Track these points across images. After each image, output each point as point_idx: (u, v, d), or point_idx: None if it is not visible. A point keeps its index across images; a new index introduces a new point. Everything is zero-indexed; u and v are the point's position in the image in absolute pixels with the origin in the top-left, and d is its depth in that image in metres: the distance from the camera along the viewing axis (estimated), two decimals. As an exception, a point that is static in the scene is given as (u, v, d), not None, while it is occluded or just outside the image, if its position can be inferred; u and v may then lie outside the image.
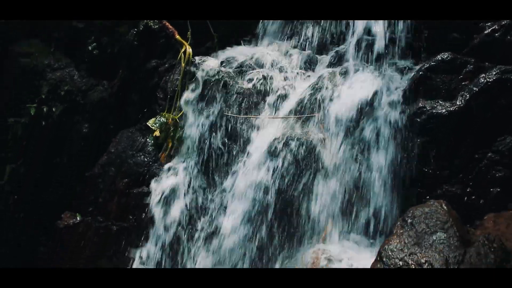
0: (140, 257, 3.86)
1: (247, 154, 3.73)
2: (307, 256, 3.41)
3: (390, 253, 2.53)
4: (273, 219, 3.60)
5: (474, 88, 3.44)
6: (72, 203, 4.07)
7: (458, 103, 3.45)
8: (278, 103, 3.89)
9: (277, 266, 3.53)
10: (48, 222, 4.07)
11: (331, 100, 3.74)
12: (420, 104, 3.54)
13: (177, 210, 3.80)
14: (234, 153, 3.81)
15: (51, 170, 4.07)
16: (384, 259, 2.51)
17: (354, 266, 3.21)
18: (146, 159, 3.98)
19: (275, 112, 3.89)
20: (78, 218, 4.01)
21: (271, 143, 3.68)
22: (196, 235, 3.74)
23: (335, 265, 3.22)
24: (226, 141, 3.85)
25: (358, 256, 3.32)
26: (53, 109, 4.06)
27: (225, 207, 3.68)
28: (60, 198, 4.08)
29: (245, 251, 3.56)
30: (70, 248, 4.01)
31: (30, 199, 4.08)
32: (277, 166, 3.62)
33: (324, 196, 3.57)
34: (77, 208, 4.03)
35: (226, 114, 3.86)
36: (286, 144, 3.66)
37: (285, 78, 4.02)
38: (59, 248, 4.03)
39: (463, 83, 3.50)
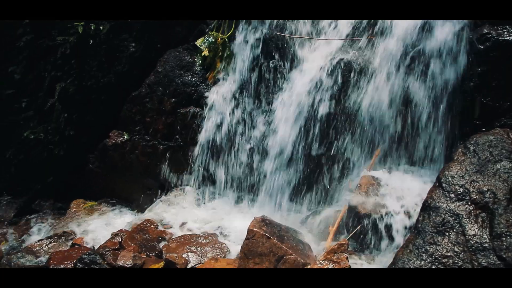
0: (187, 176, 3.94)
1: (297, 75, 3.62)
2: (355, 181, 3.38)
3: (450, 179, 2.45)
4: (320, 141, 3.55)
5: (551, 13, 3.14)
6: (119, 122, 4.10)
7: (529, 29, 3.18)
8: (331, 25, 3.71)
9: (326, 189, 3.54)
10: (96, 141, 4.14)
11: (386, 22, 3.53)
12: (485, 30, 3.29)
13: (225, 129, 3.80)
14: (284, 73, 3.71)
15: (99, 89, 4.08)
16: (444, 185, 2.43)
17: (403, 191, 3.17)
18: (194, 79, 3.93)
19: (328, 34, 3.72)
20: (125, 137, 4.06)
21: (322, 65, 3.55)
22: (243, 155, 3.76)
23: (383, 189, 3.18)
24: (277, 61, 3.74)
25: (408, 182, 3.27)
26: (101, 28, 3.99)
27: (274, 127, 3.65)
28: (108, 117, 4.12)
29: (291, 170, 3.56)
30: (117, 166, 4.10)
31: (79, 117, 4.14)
32: (328, 88, 3.52)
33: (374, 122, 3.47)
34: (125, 127, 4.08)
35: (278, 34, 3.71)
36: (338, 66, 3.52)
37: None
38: (107, 166, 4.13)
39: (537, 6, 3.20)
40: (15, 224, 4.02)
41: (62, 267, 3.22)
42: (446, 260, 2.24)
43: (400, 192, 3.22)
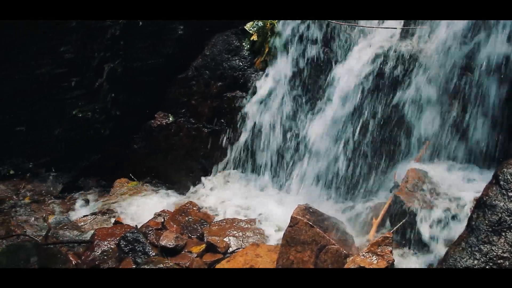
0: (231, 161, 3.94)
1: (347, 64, 3.54)
2: (401, 173, 3.30)
3: (509, 177, 2.34)
4: (365, 131, 3.48)
5: None
6: (165, 104, 4.14)
7: None
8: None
9: (370, 180, 3.47)
10: (141, 121, 4.20)
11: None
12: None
13: (271, 115, 3.77)
14: (333, 61, 3.64)
15: (146, 71, 4.12)
16: (502, 183, 2.32)
17: (451, 187, 3.07)
18: (241, 64, 3.91)
19: (380, 23, 3.61)
20: (170, 119, 4.10)
21: (373, 54, 3.46)
22: (288, 141, 3.73)
23: (430, 183, 3.09)
24: (326, 49, 3.67)
25: (457, 178, 3.16)
26: (149, 9, 4.01)
27: (319, 115, 3.60)
28: (153, 98, 4.16)
29: (336, 159, 3.51)
30: (161, 147, 4.15)
31: (126, 98, 4.20)
32: (377, 78, 3.43)
33: (426, 114, 3.37)
34: (170, 109, 4.12)
35: (329, 21, 3.63)
36: (389, 55, 3.42)
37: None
38: (152, 147, 4.18)
39: None
40: (61, 199, 4.14)
41: (106, 243, 3.29)
42: (501, 261, 2.15)
43: (448, 188, 3.13)
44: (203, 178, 4.02)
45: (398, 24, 3.51)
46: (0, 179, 4.20)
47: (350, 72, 3.50)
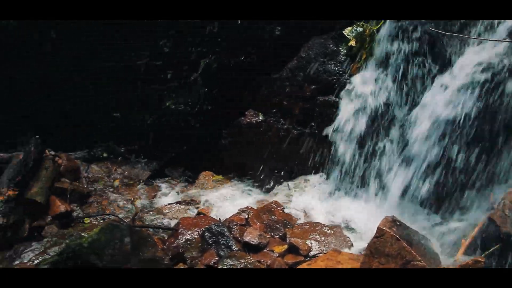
0: (318, 165, 3.93)
1: (448, 75, 3.41)
2: (497, 195, 3.13)
3: None
4: (460, 148, 3.33)
5: None
6: (256, 102, 4.19)
7: None
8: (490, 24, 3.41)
9: (462, 198, 3.33)
10: (231, 117, 4.28)
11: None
12: None
13: (364, 123, 3.72)
14: (433, 72, 3.51)
15: (240, 68, 4.20)
16: None
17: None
18: (336, 68, 3.88)
19: (486, 35, 3.43)
20: (260, 117, 4.15)
21: (475, 67, 3.29)
22: (379, 151, 3.66)
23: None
24: (426, 59, 3.55)
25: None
26: (247, 10, 4.08)
27: (414, 127, 3.49)
28: (245, 96, 4.24)
29: (427, 174, 3.39)
30: (249, 145, 4.20)
31: (218, 93, 4.31)
32: (478, 95, 3.27)
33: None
34: (261, 108, 4.16)
35: (430, 29, 3.50)
36: (495, 71, 3.24)
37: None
38: (239, 143, 4.25)
39: None
40: (148, 186, 4.32)
41: (189, 232, 3.38)
42: None
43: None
44: (288, 179, 4.05)
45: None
46: (95, 160, 4.47)
47: (450, 86, 3.36)
